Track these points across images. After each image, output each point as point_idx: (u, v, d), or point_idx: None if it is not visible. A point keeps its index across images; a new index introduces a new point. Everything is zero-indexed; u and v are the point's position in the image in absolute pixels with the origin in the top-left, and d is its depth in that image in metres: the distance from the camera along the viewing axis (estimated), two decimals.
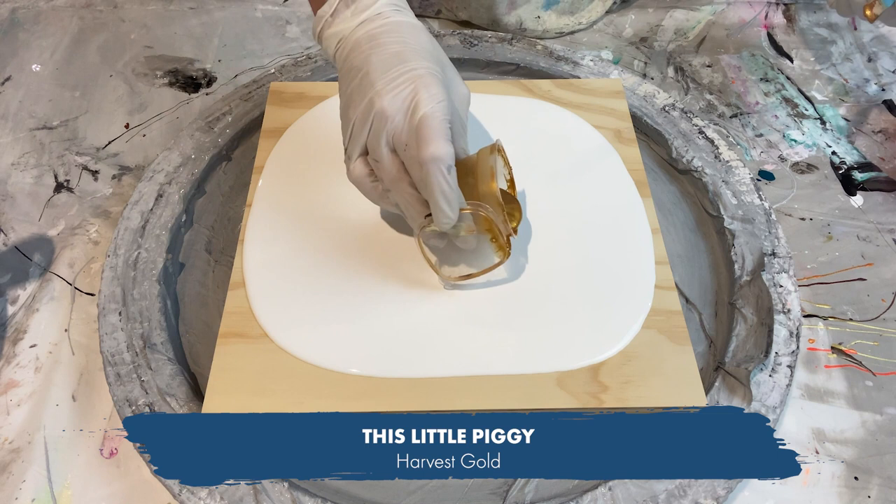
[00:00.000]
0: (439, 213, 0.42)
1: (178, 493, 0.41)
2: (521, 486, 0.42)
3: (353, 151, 0.43)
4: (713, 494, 0.41)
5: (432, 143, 0.40)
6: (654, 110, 0.61)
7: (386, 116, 0.41)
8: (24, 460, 0.45)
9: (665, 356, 0.45)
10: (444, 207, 0.42)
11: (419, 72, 0.42)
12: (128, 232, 0.53)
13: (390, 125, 0.41)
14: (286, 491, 0.41)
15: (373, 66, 0.42)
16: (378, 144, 0.42)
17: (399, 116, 0.41)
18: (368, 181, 0.44)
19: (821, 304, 0.52)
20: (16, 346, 0.50)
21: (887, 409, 0.47)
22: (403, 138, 0.41)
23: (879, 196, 0.59)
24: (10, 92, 0.67)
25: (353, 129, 0.43)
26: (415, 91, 0.41)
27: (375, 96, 0.41)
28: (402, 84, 0.41)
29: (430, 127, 0.41)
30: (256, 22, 0.74)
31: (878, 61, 0.70)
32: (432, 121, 0.41)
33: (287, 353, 0.45)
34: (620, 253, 0.51)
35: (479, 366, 0.45)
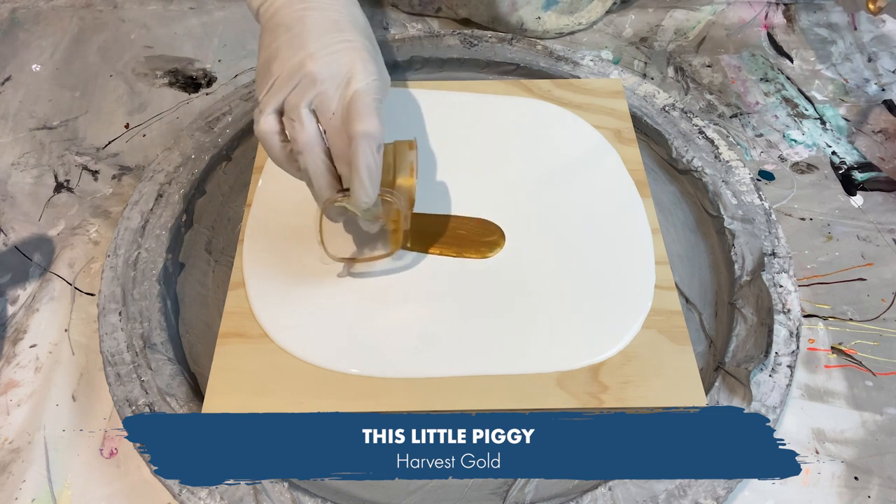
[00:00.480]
0: (361, 191, 0.41)
1: (178, 493, 0.41)
2: (521, 486, 0.42)
3: (266, 105, 0.42)
4: (713, 494, 0.41)
5: (367, 118, 0.40)
6: (654, 110, 0.61)
7: (316, 80, 0.40)
8: (24, 460, 0.45)
9: (665, 356, 0.45)
10: (367, 185, 0.41)
11: (356, 45, 0.42)
12: (128, 232, 0.53)
13: (319, 89, 0.41)
14: (286, 491, 0.41)
15: (307, 27, 0.41)
16: (299, 105, 0.41)
17: (330, 84, 0.41)
18: (278, 139, 0.42)
19: (821, 304, 0.52)
20: (16, 346, 0.50)
21: (887, 409, 0.47)
22: (331, 106, 0.41)
23: (879, 196, 0.59)
24: (10, 92, 0.67)
25: (275, 85, 0.41)
26: (351, 63, 0.41)
27: (308, 58, 0.41)
28: (339, 52, 0.41)
29: (365, 103, 0.41)
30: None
31: (878, 61, 0.70)
32: (366, 97, 0.41)
33: (287, 353, 0.45)
34: (620, 253, 0.51)
35: (479, 366, 0.45)
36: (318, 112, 0.41)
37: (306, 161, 0.42)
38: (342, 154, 0.41)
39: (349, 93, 0.41)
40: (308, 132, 0.41)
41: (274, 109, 0.42)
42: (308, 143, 0.41)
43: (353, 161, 0.40)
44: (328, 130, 0.41)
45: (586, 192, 0.54)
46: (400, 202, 0.44)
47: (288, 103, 0.41)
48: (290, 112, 0.41)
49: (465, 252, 0.50)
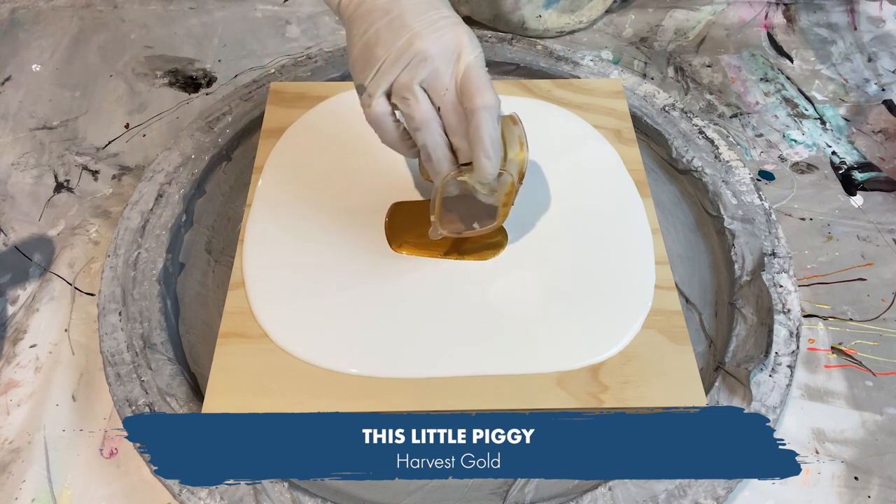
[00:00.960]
0: (486, 162, 0.41)
1: (178, 493, 0.41)
2: (521, 486, 0.42)
3: (376, 89, 0.42)
4: (713, 494, 0.41)
5: (485, 91, 0.41)
6: (654, 110, 0.61)
7: (427, 57, 0.40)
8: (24, 460, 0.45)
9: (665, 356, 0.45)
10: (492, 156, 0.41)
11: (455, 19, 0.42)
12: (128, 232, 0.53)
13: (430, 66, 0.41)
14: (286, 491, 0.41)
15: (405, 8, 0.41)
16: (412, 84, 0.41)
17: (440, 60, 0.41)
18: (391, 120, 0.43)
19: (821, 304, 0.52)
20: (16, 346, 0.50)
21: (887, 409, 0.47)
22: (444, 82, 0.41)
23: (879, 196, 0.59)
24: (10, 92, 0.67)
25: (382, 67, 0.41)
26: (457, 37, 0.41)
27: (415, 37, 0.41)
28: (443, 28, 0.41)
29: (479, 75, 0.41)
30: (256, 22, 0.74)
31: (878, 61, 0.70)
32: (479, 69, 0.41)
33: (287, 353, 0.45)
34: (620, 253, 0.51)
35: (479, 366, 0.45)
36: (430, 89, 0.41)
37: (425, 137, 0.42)
38: (458, 129, 0.42)
39: (461, 67, 0.41)
40: (425, 108, 0.41)
41: (383, 92, 0.42)
42: (426, 120, 0.41)
43: (476, 133, 0.41)
44: (442, 107, 0.42)
45: (586, 193, 0.54)
46: (513, 175, 0.45)
47: (399, 83, 0.41)
48: (403, 91, 0.41)
49: (468, 256, 0.50)
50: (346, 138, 0.58)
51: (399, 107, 0.42)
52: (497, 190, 0.45)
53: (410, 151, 0.45)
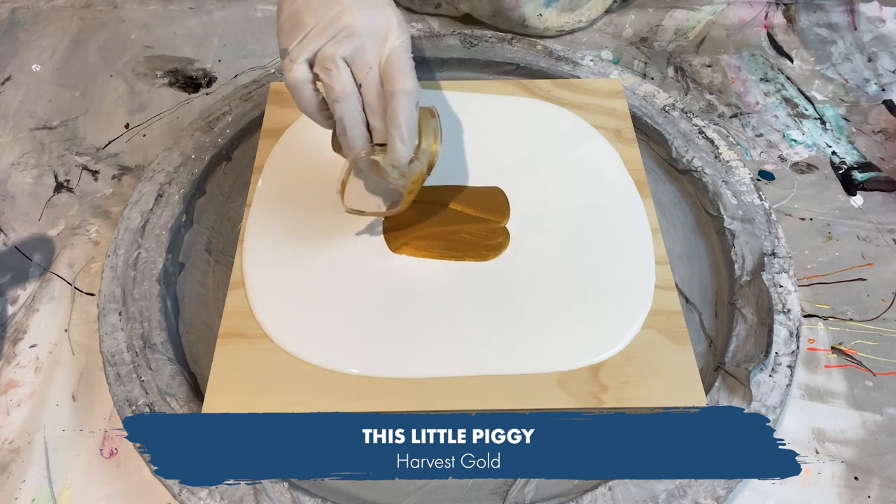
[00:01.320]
0: (400, 145, 0.42)
1: (178, 493, 0.41)
2: (521, 486, 0.42)
3: (299, 55, 0.42)
4: (713, 494, 0.41)
5: (407, 76, 0.42)
6: (654, 110, 0.61)
7: (355, 32, 0.41)
8: (24, 460, 0.45)
9: (665, 356, 0.45)
10: (407, 140, 0.42)
11: (388, 1, 0.43)
12: (128, 232, 0.53)
13: (356, 42, 0.41)
14: (286, 491, 0.41)
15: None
16: (335, 56, 0.41)
17: (368, 38, 0.41)
18: (310, 87, 0.43)
19: (821, 304, 0.52)
20: (16, 346, 0.50)
21: (887, 409, 0.47)
22: (368, 60, 0.42)
23: (879, 196, 0.59)
24: (10, 92, 0.67)
25: (309, 35, 0.42)
26: (388, 19, 0.42)
27: (345, 11, 0.41)
28: (375, 8, 0.42)
29: (403, 60, 0.42)
30: (256, 22, 0.74)
31: (878, 61, 0.70)
32: (404, 54, 0.42)
33: (287, 353, 0.45)
34: (620, 253, 0.51)
35: (479, 366, 0.45)
36: (354, 65, 0.42)
37: (342, 110, 0.42)
38: (376, 108, 0.42)
39: (386, 49, 0.42)
40: (346, 81, 0.42)
41: (306, 59, 0.42)
42: (345, 93, 0.42)
43: (394, 116, 0.41)
44: (363, 84, 0.42)
45: (586, 192, 0.54)
46: (423, 164, 0.45)
47: (323, 53, 0.42)
48: (326, 62, 0.42)
49: (467, 256, 0.50)
50: None
51: (320, 76, 0.42)
52: (406, 176, 0.46)
53: (326, 122, 0.45)
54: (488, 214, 0.53)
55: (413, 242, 0.51)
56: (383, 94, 0.42)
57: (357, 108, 0.43)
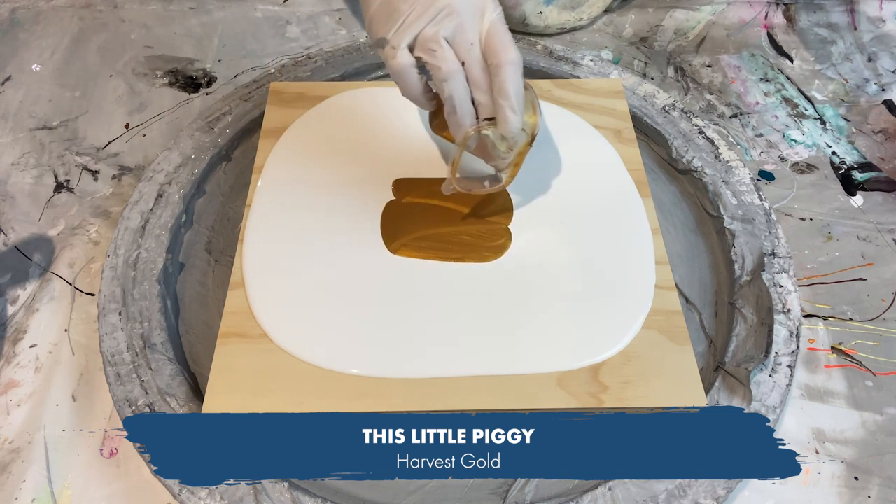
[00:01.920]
0: (512, 115, 0.43)
1: (178, 493, 0.41)
2: (521, 486, 0.42)
3: (400, 41, 0.43)
4: (713, 494, 0.41)
5: (510, 47, 0.42)
6: (654, 110, 0.61)
7: (454, 11, 0.42)
8: (24, 460, 0.45)
9: (665, 356, 0.45)
10: (517, 110, 0.43)
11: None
12: (128, 232, 0.53)
13: (456, 20, 0.42)
14: (286, 491, 0.41)
15: None
16: (438, 36, 0.42)
17: (467, 15, 0.42)
18: (415, 72, 0.44)
19: (821, 304, 0.52)
20: (16, 346, 0.50)
21: (887, 409, 0.47)
22: (469, 37, 0.42)
23: (879, 196, 0.59)
24: (10, 92, 0.67)
25: (407, 20, 0.42)
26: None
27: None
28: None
29: (504, 32, 0.43)
30: (256, 22, 0.74)
31: (878, 61, 0.70)
32: (503, 26, 0.43)
33: (287, 353, 0.45)
34: (620, 253, 0.51)
35: (479, 366, 0.45)
36: (455, 44, 0.43)
37: (451, 88, 0.43)
38: (482, 83, 0.43)
39: (485, 24, 0.43)
40: (451, 60, 0.42)
41: (408, 44, 0.43)
42: (452, 71, 0.42)
43: (503, 87, 0.42)
44: (467, 61, 0.43)
45: (586, 193, 0.54)
46: (528, 136, 0.46)
47: (424, 35, 0.42)
48: (429, 43, 0.42)
49: (468, 258, 0.50)
50: (345, 138, 0.58)
51: (425, 59, 0.43)
52: (513, 148, 0.46)
53: (429, 104, 0.46)
54: (490, 215, 0.53)
55: (412, 243, 0.51)
56: (486, 68, 0.43)
57: (465, 85, 0.43)
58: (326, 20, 0.74)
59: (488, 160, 0.48)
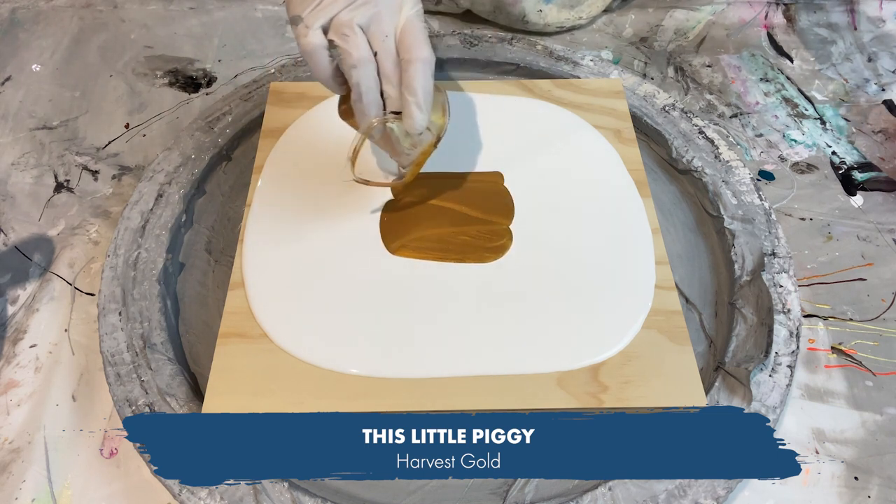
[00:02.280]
0: (417, 113, 0.43)
1: (178, 493, 0.41)
2: (521, 486, 0.42)
3: (314, 21, 0.42)
4: (713, 494, 0.41)
5: (424, 44, 0.42)
6: (654, 110, 0.61)
7: (372, 1, 0.42)
8: (24, 460, 0.45)
9: (665, 356, 0.45)
10: (423, 107, 0.43)
11: None
12: (128, 232, 0.53)
13: (373, 9, 0.42)
14: (286, 491, 0.41)
15: None
16: (352, 22, 0.42)
17: (384, 6, 0.42)
18: (326, 53, 0.43)
19: (821, 304, 0.52)
20: (16, 346, 0.50)
21: (887, 409, 0.47)
22: (385, 28, 0.42)
23: (879, 196, 0.59)
24: (10, 92, 0.67)
25: (324, 1, 0.42)
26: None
27: None
28: None
29: (419, 28, 0.43)
30: (256, 22, 0.74)
31: (878, 61, 0.70)
32: (419, 23, 0.43)
33: (287, 353, 0.45)
34: (620, 253, 0.51)
35: (479, 366, 0.45)
36: (369, 33, 0.42)
37: (359, 76, 0.42)
38: (392, 76, 0.43)
39: (402, 18, 0.43)
40: (363, 47, 0.42)
41: (321, 25, 0.42)
42: (362, 59, 0.42)
43: (411, 83, 0.42)
44: (379, 52, 0.42)
45: (586, 193, 0.54)
46: (433, 136, 0.46)
47: (339, 19, 0.42)
48: (342, 27, 0.42)
49: (468, 259, 0.50)
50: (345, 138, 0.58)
51: (337, 42, 0.42)
52: (416, 146, 0.46)
53: (339, 88, 0.45)
54: (491, 215, 0.53)
55: (411, 244, 0.51)
56: (398, 62, 0.43)
57: (373, 75, 0.43)
58: None
59: (392, 154, 0.48)
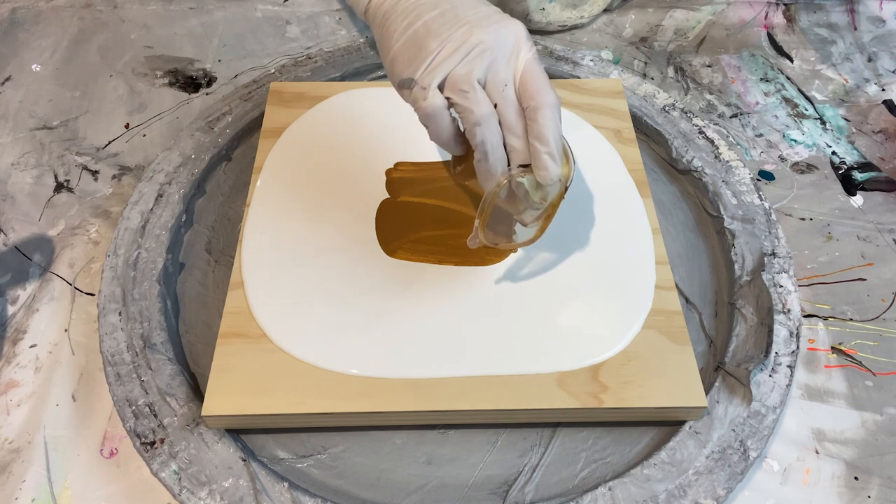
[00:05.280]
0: (551, 163, 0.39)
1: (177, 493, 0.41)
2: (521, 486, 0.42)
3: (430, 81, 0.39)
4: (713, 494, 0.41)
5: (548, 88, 0.39)
6: (654, 110, 0.61)
7: (487, 48, 0.39)
8: (24, 460, 0.45)
9: (665, 356, 0.45)
10: (556, 156, 0.39)
11: (507, 16, 0.41)
12: (128, 232, 0.53)
13: (489, 58, 0.39)
14: (286, 491, 0.41)
15: (456, 2, 0.40)
16: (471, 77, 0.39)
17: (500, 53, 0.39)
18: (447, 115, 0.40)
19: (821, 304, 0.52)
20: (16, 346, 0.50)
21: (887, 409, 0.47)
22: (503, 77, 0.39)
23: (879, 196, 0.59)
24: (10, 92, 0.67)
25: (437, 58, 0.39)
26: (515, 32, 0.40)
27: (474, 28, 0.39)
28: (500, 22, 0.40)
29: (540, 72, 0.40)
30: (256, 22, 0.74)
31: (878, 61, 0.70)
32: (538, 66, 0.40)
33: (287, 353, 0.45)
34: (620, 253, 0.51)
35: (479, 366, 0.45)
36: (488, 85, 0.40)
37: (484, 133, 0.39)
38: (516, 127, 0.40)
39: (520, 63, 0.40)
40: (484, 103, 0.39)
41: (437, 84, 0.39)
42: (485, 115, 0.39)
43: (542, 132, 0.39)
44: (500, 103, 0.40)
45: (586, 193, 0.54)
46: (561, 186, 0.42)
47: (456, 75, 0.39)
48: (460, 84, 0.39)
49: (469, 262, 0.50)
50: (345, 138, 0.58)
51: (455, 100, 0.39)
52: (546, 199, 0.42)
53: (459, 148, 0.43)
54: None
55: (409, 246, 0.51)
56: (521, 111, 0.40)
57: (498, 130, 0.40)
58: (326, 20, 0.74)
59: (516, 213, 0.44)
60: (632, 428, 0.45)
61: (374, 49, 0.66)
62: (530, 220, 0.44)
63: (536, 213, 0.43)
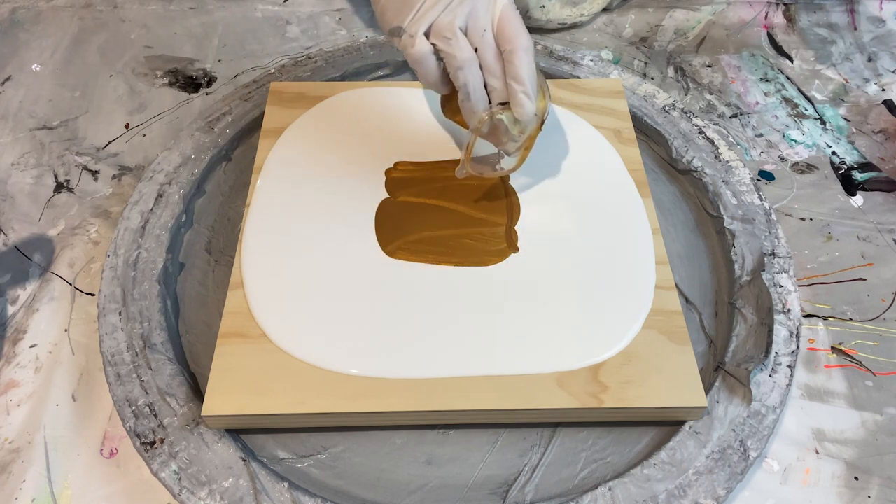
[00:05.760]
0: (526, 100, 0.44)
1: (177, 493, 0.41)
2: (521, 486, 0.42)
3: (417, 29, 0.44)
4: (713, 494, 0.41)
5: (523, 32, 0.43)
6: (654, 110, 0.61)
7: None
8: (24, 460, 0.45)
9: (665, 356, 0.45)
10: (531, 95, 0.44)
11: None
12: (128, 232, 0.53)
13: (469, 6, 0.43)
14: (286, 491, 0.41)
15: None
16: (453, 24, 0.43)
17: (479, 2, 0.43)
18: (433, 59, 0.44)
19: (821, 304, 0.52)
20: (16, 346, 0.50)
21: (887, 409, 0.47)
22: (482, 23, 0.43)
23: (879, 196, 0.59)
24: (10, 92, 0.67)
25: (423, 7, 0.43)
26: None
27: None
28: None
29: (515, 17, 0.44)
30: (256, 22, 0.74)
31: (878, 61, 0.70)
32: (514, 11, 0.44)
33: (287, 353, 0.45)
34: (620, 253, 0.51)
35: (479, 366, 0.45)
36: (468, 30, 0.44)
37: (466, 76, 0.44)
38: (495, 69, 0.44)
39: (497, 10, 0.44)
40: (466, 48, 0.43)
41: (423, 32, 0.44)
42: (468, 59, 0.43)
43: (517, 73, 0.43)
44: (480, 47, 0.44)
45: (586, 193, 0.54)
46: (538, 120, 0.47)
47: (440, 23, 0.43)
48: (444, 31, 0.43)
49: (468, 262, 0.50)
50: (345, 138, 0.58)
51: (440, 46, 0.43)
52: (524, 132, 0.47)
53: (445, 89, 0.47)
54: (491, 215, 0.53)
55: (409, 247, 0.51)
56: (499, 54, 0.44)
57: (479, 72, 0.44)
58: (326, 20, 0.74)
59: (499, 144, 0.49)
60: (632, 428, 0.45)
61: (374, 49, 0.66)
62: (512, 151, 0.49)
63: (517, 145, 0.48)
